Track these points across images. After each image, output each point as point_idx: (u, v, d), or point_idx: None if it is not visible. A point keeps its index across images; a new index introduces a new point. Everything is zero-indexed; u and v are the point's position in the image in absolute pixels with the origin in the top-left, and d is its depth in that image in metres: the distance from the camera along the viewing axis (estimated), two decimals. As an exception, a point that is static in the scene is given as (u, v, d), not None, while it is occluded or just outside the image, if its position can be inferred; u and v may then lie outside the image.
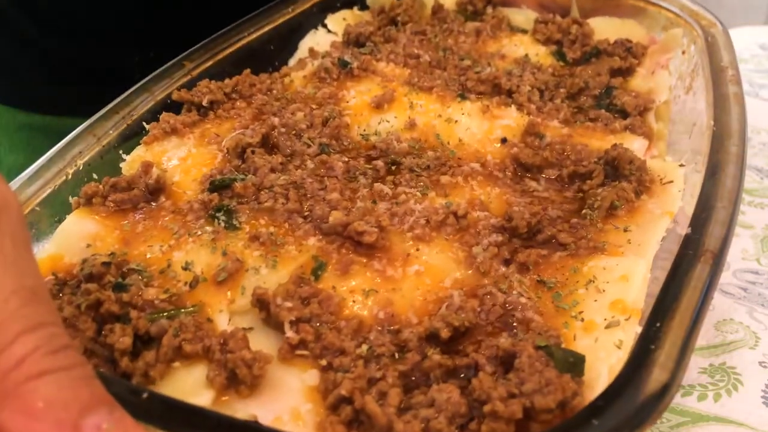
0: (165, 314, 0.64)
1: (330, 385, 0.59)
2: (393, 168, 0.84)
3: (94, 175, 0.81)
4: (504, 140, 0.90)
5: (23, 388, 0.41)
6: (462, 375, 0.61)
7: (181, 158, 0.84)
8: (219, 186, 0.78)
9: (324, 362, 0.62)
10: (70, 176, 0.79)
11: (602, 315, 0.66)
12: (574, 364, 0.60)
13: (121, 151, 0.86)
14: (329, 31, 1.17)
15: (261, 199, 0.76)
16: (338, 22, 1.18)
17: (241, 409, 0.58)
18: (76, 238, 0.74)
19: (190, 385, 0.60)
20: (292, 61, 1.12)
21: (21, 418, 0.41)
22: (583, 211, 0.79)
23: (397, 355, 0.63)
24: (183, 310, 0.65)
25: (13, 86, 1.27)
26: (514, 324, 0.66)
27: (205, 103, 0.92)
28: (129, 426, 0.43)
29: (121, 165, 0.85)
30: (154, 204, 0.77)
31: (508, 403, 0.55)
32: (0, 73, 1.27)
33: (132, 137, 0.88)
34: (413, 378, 0.61)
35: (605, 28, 1.15)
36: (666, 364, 0.53)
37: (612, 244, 0.74)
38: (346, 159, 0.84)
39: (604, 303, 0.67)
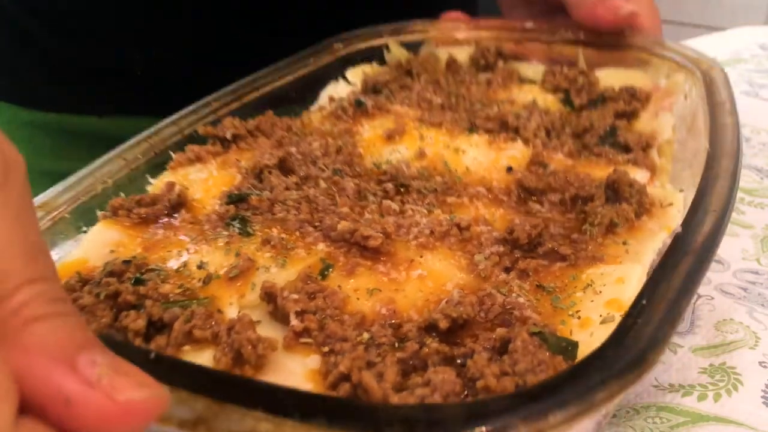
0: (178, 304, 0.68)
1: (331, 367, 0.61)
2: (402, 189, 0.88)
3: (122, 194, 0.87)
4: (509, 169, 0.94)
5: (21, 331, 0.43)
6: (459, 362, 0.63)
7: (203, 179, 0.89)
8: (236, 199, 0.83)
9: (326, 349, 0.64)
10: (99, 191, 0.85)
11: (598, 312, 0.67)
12: (566, 348, 0.61)
13: (147, 176, 0.91)
14: (349, 82, 1.24)
15: (275, 211, 0.81)
16: (357, 74, 1.25)
17: (245, 387, 0.61)
18: (100, 244, 0.78)
19: (198, 366, 0.62)
20: (312, 109, 1.18)
21: (19, 356, 0.43)
22: (584, 227, 0.81)
23: (397, 345, 0.65)
24: (195, 301, 0.69)
25: (13, 85, 1.29)
26: (512, 321, 0.68)
27: (228, 136, 0.98)
28: (122, 363, 0.45)
29: (148, 188, 0.90)
30: (175, 215, 0.82)
31: (500, 379, 0.57)
32: (0, 71, 1.29)
33: (159, 165, 0.94)
34: (411, 363, 0.63)
35: (611, 79, 1.20)
36: (649, 335, 0.55)
37: (611, 255, 0.77)
38: (357, 182, 0.89)
39: (601, 302, 0.69)
